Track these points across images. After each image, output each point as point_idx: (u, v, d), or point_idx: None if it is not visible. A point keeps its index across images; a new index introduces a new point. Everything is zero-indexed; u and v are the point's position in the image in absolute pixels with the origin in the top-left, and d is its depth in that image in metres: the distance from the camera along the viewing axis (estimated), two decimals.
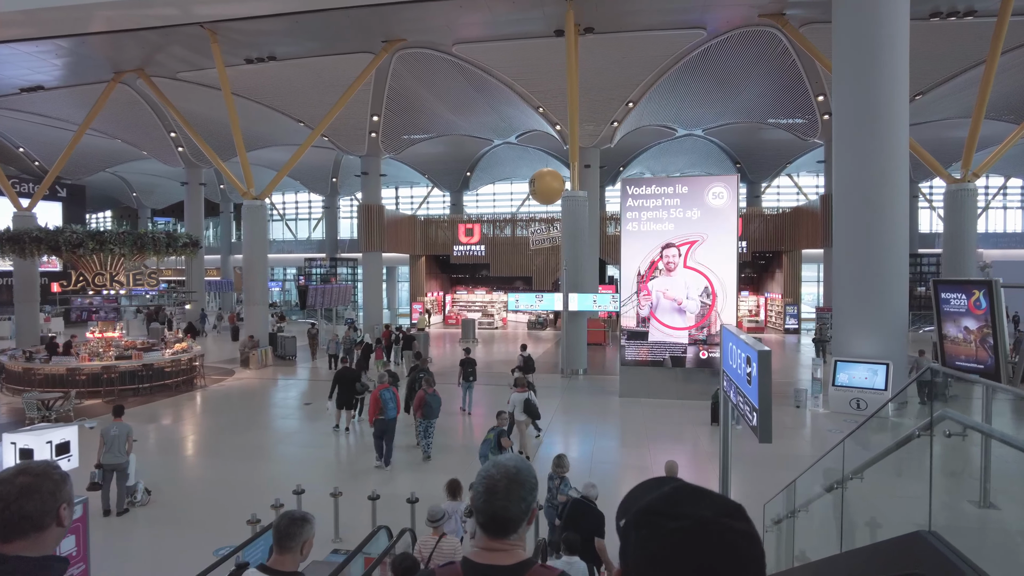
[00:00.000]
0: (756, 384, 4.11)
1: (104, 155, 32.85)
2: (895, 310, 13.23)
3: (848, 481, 4.50)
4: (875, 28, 12.96)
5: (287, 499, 6.74)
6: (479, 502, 1.51)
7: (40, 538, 1.47)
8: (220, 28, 18.44)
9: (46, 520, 1.48)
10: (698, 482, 0.94)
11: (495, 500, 1.49)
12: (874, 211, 12.90)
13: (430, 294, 34.69)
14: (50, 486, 1.50)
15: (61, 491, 1.52)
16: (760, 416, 4.05)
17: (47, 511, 1.48)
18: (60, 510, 1.51)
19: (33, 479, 1.50)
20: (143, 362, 15.40)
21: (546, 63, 20.52)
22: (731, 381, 5.24)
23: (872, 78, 12.86)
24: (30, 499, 1.46)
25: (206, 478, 10.14)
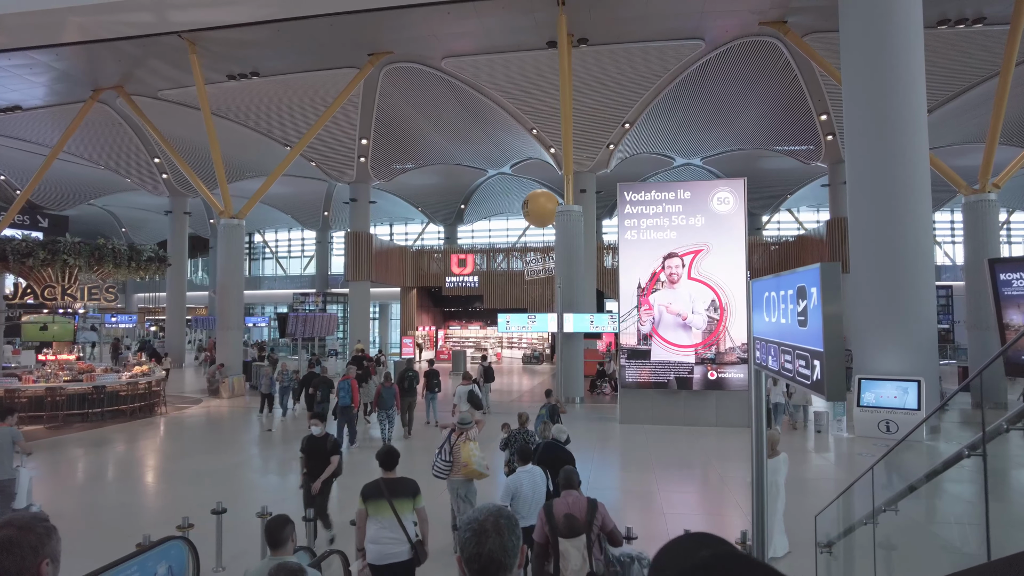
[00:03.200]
0: (819, 315, 2.82)
1: (88, 185, 31.99)
2: (923, 321, 11.95)
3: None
4: (887, 35, 12.14)
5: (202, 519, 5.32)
6: (470, 547, 1.49)
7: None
8: (199, 38, 17.73)
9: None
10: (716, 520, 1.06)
11: (487, 541, 1.48)
12: (895, 217, 11.76)
13: (421, 328, 33.31)
14: (33, 540, 1.44)
15: (45, 546, 1.45)
16: (828, 361, 2.75)
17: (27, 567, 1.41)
18: (42, 565, 1.44)
19: (16, 532, 1.44)
20: (94, 384, 13.95)
21: (539, 80, 19.81)
22: (766, 347, 3.95)
23: (886, 86, 11.98)
24: (10, 553, 1.40)
25: (121, 502, 8.58)
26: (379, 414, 11.99)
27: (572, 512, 4.02)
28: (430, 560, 4.69)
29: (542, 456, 5.74)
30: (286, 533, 3.41)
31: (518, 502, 5.05)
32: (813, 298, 2.92)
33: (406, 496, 4.52)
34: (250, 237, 48.82)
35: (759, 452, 4.41)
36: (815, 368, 2.90)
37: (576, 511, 4.04)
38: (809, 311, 2.99)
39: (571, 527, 3.91)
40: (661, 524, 7.45)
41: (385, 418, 11.89)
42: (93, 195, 34.14)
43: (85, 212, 38.32)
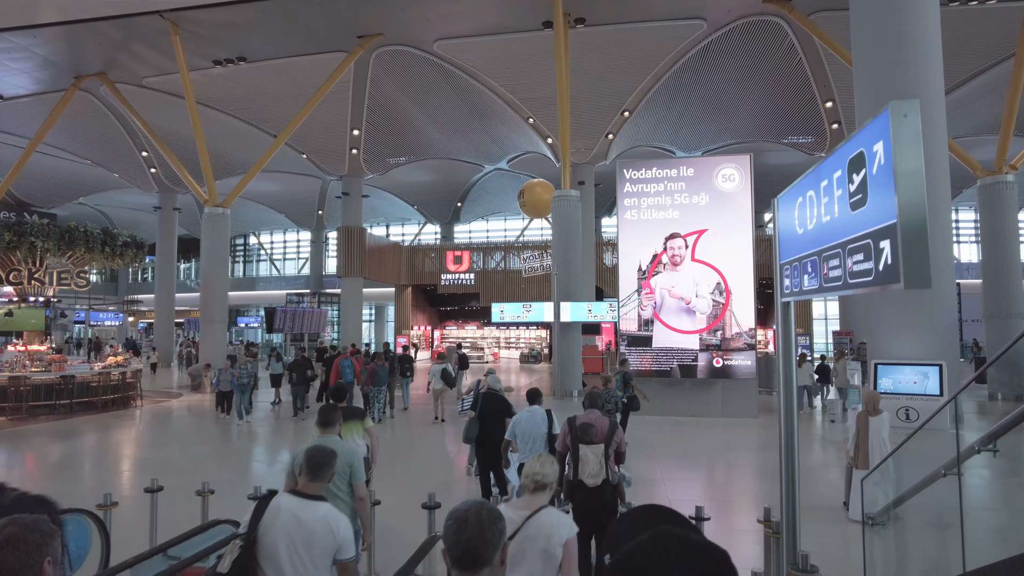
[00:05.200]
0: (888, 176, 2.07)
1: (77, 182, 31.27)
2: (943, 303, 11.20)
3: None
4: (900, 11, 11.43)
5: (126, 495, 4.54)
6: (450, 535, 1.53)
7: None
8: (182, 20, 17.07)
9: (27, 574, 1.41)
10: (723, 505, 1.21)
11: (466, 529, 1.52)
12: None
13: (417, 328, 32.53)
14: (36, 539, 1.45)
15: (48, 545, 1.46)
16: (904, 235, 1.99)
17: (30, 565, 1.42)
18: (44, 564, 1.44)
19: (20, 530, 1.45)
20: (61, 374, 13.16)
21: (535, 64, 19.14)
22: (800, 267, 3.19)
23: (900, 65, 11.28)
24: (14, 551, 1.41)
25: (50, 488, 7.78)
26: (373, 390, 12.75)
27: (591, 423, 4.54)
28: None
29: (483, 403, 6.89)
30: (335, 417, 4.11)
31: (518, 437, 5.81)
32: (877, 159, 2.16)
33: (356, 419, 5.26)
34: (245, 239, 48.16)
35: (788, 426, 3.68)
36: (882, 254, 2.14)
37: (597, 425, 4.59)
38: (870, 180, 2.23)
39: (586, 433, 4.46)
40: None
41: (378, 393, 12.80)
42: (82, 192, 33.41)
43: (77, 212, 37.57)
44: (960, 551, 2.92)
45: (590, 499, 4.28)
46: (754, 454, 9.95)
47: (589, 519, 4.22)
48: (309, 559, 2.64)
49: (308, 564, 2.64)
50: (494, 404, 6.78)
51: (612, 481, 4.44)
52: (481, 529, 1.52)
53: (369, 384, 12.70)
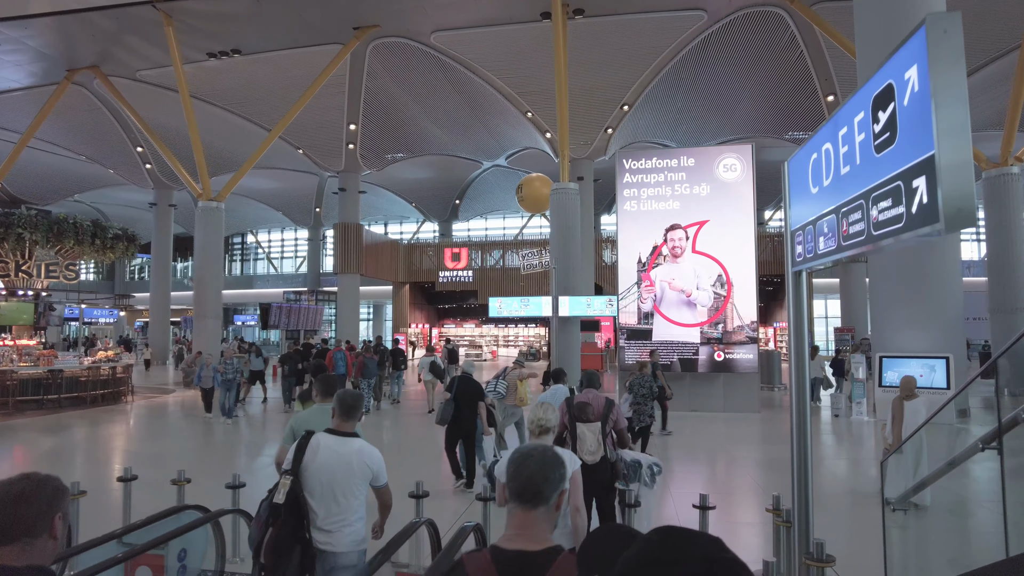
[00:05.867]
0: (924, 104, 1.82)
1: (72, 179, 30.98)
2: (949, 295, 10.94)
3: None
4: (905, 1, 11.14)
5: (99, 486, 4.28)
6: (512, 469, 1.55)
7: (31, 545, 1.42)
8: (175, 10, 16.81)
9: (39, 527, 1.43)
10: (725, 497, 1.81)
11: (529, 465, 1.54)
12: None
13: (414, 326, 32.26)
14: (48, 494, 1.47)
15: (58, 501, 1.48)
16: (944, 166, 1.74)
17: (41, 518, 1.44)
18: (55, 519, 1.46)
19: (32, 485, 1.47)
20: (49, 368, 12.89)
21: (533, 56, 18.89)
22: (814, 230, 2.95)
23: None
24: (27, 504, 1.43)
25: None
26: (362, 382, 12.84)
27: (587, 402, 4.64)
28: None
29: (458, 386, 7.24)
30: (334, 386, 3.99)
31: None
32: (910, 86, 1.91)
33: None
34: (242, 237, 47.91)
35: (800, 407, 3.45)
36: (915, 194, 1.89)
37: (594, 404, 4.67)
38: (900, 114, 1.99)
39: (582, 411, 4.54)
40: (668, 502, 6.44)
41: (367, 387, 12.88)
42: (77, 189, 33.14)
43: (72, 209, 37.15)
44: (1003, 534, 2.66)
45: (589, 476, 4.23)
46: (758, 448, 9.72)
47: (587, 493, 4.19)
48: (348, 487, 3.00)
49: (347, 491, 2.99)
50: (468, 387, 7.23)
51: (610, 459, 4.50)
52: (544, 468, 1.55)
53: (358, 376, 12.81)
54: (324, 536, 2.95)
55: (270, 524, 2.86)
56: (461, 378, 7.37)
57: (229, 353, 12.71)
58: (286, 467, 3.02)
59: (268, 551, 2.84)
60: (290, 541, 2.86)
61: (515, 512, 1.53)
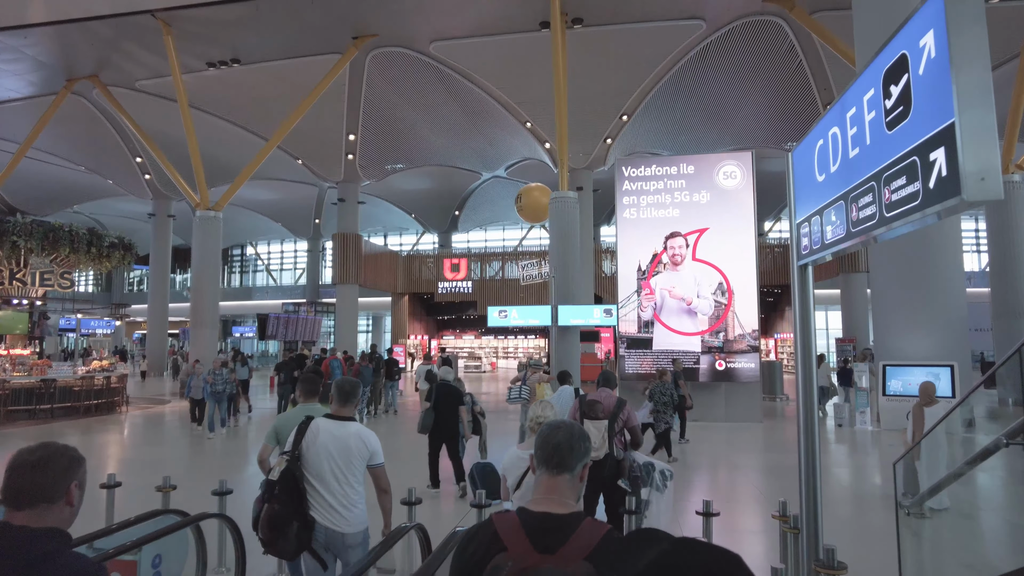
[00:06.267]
0: (942, 70, 1.71)
1: (71, 189, 30.97)
2: (952, 301, 10.82)
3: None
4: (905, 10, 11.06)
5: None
6: (541, 439, 1.65)
7: (48, 511, 1.48)
8: (173, 18, 16.84)
9: (56, 493, 1.50)
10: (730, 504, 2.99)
11: (557, 434, 1.63)
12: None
13: (413, 337, 32.08)
14: (65, 463, 1.53)
15: (75, 470, 1.55)
16: (968, 135, 1.62)
17: (58, 484, 1.50)
18: (71, 487, 1.53)
19: (50, 454, 1.53)
20: (42, 378, 12.73)
21: (532, 66, 18.88)
22: (821, 219, 2.83)
23: None
24: (44, 470, 1.49)
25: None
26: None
27: (597, 400, 4.79)
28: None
29: (437, 392, 7.38)
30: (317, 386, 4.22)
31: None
32: (926, 53, 1.81)
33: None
34: (242, 249, 47.85)
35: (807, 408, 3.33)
36: (933, 167, 1.77)
37: (604, 402, 4.79)
38: (915, 84, 1.88)
39: (592, 409, 4.67)
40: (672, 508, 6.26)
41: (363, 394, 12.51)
42: (76, 200, 33.13)
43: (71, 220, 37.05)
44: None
45: (594, 471, 4.36)
46: (761, 456, 9.55)
47: (592, 489, 4.49)
48: (347, 467, 3.18)
49: (347, 471, 3.17)
50: (448, 393, 7.34)
51: (617, 456, 4.57)
52: (571, 439, 1.63)
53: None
54: (332, 515, 3.11)
55: (266, 501, 3.04)
56: (440, 385, 7.50)
57: (217, 363, 12.18)
58: (285, 449, 3.21)
59: (264, 525, 3.02)
60: (287, 517, 3.01)
61: (542, 479, 1.61)
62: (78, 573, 1.43)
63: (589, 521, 1.48)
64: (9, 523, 1.44)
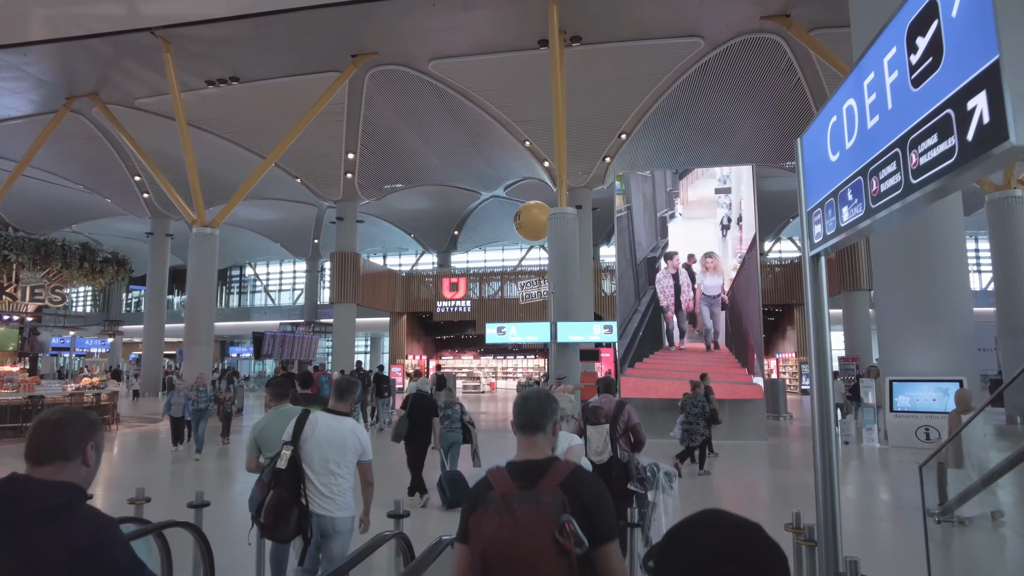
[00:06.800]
0: (985, 6, 1.53)
1: (69, 209, 30.88)
2: (959, 315, 10.60)
3: None
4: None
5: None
6: (516, 409, 2.01)
7: (65, 467, 1.56)
8: (174, 36, 16.89)
9: (73, 452, 1.57)
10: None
11: (528, 404, 1.98)
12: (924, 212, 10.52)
13: (412, 357, 31.75)
14: (83, 424, 1.62)
15: (92, 432, 1.63)
16: (1015, 71, 1.44)
17: (75, 444, 1.58)
18: (88, 448, 1.60)
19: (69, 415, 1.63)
20: (29, 395, 12.44)
21: (531, 85, 18.93)
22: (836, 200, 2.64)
23: None
24: (63, 430, 1.58)
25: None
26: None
27: (599, 406, 4.91)
28: None
29: (412, 403, 7.49)
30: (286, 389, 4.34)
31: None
32: None
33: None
34: (241, 270, 47.72)
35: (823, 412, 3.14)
36: (972, 117, 1.58)
37: (605, 407, 4.92)
38: (946, 30, 1.70)
39: (593, 415, 4.83)
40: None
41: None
42: (74, 219, 33.03)
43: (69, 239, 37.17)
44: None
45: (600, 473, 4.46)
46: (767, 473, 9.28)
47: None
48: (341, 459, 3.42)
49: (340, 463, 3.41)
50: (422, 404, 7.47)
51: (621, 460, 4.66)
52: (540, 406, 1.97)
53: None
54: (324, 502, 3.33)
55: (271, 487, 3.21)
56: (416, 396, 7.62)
57: (202, 380, 11.59)
58: (286, 438, 3.37)
59: (269, 511, 3.17)
60: (289, 503, 3.20)
61: (521, 439, 1.96)
62: (91, 523, 1.50)
63: (560, 463, 1.86)
64: (30, 476, 1.54)
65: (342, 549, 3.38)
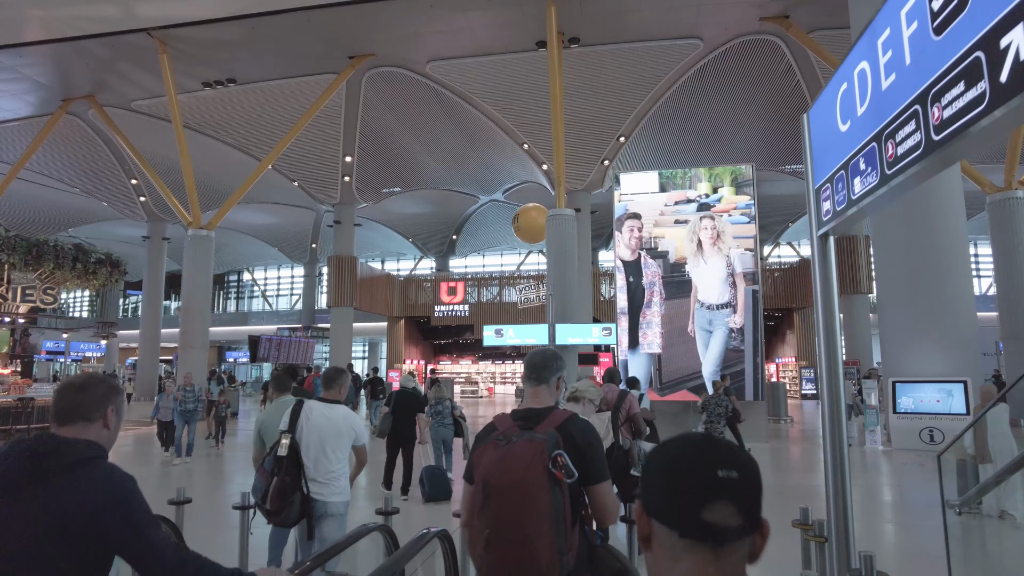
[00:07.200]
0: None
1: (65, 212, 30.69)
2: (962, 315, 10.47)
3: None
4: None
5: None
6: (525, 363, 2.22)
7: (87, 428, 1.67)
8: (170, 38, 16.79)
9: (93, 414, 1.69)
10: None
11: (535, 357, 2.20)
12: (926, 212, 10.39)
13: (409, 361, 31.55)
14: (104, 389, 1.74)
15: (112, 397, 1.74)
16: None
17: (96, 407, 1.69)
18: (108, 411, 1.72)
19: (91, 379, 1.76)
20: (19, 397, 12.26)
21: (529, 87, 18.87)
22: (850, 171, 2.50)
23: None
24: (85, 393, 1.70)
25: None
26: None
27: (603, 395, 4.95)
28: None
29: (396, 399, 7.56)
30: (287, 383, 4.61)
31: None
32: None
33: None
34: (239, 275, 47.57)
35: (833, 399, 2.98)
36: (1005, 58, 1.44)
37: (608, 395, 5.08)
38: None
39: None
40: None
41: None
42: (71, 224, 32.85)
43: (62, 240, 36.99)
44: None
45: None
46: (768, 476, 9.08)
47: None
48: (337, 444, 3.58)
49: (336, 448, 3.58)
50: (406, 400, 7.56)
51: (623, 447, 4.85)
52: (544, 360, 2.16)
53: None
54: (318, 487, 3.49)
55: (275, 474, 3.38)
56: (400, 392, 7.73)
57: (189, 379, 11.14)
58: (283, 427, 3.54)
59: (274, 496, 3.35)
60: (292, 488, 3.38)
61: (527, 389, 2.17)
62: (112, 478, 1.59)
63: (559, 410, 2.07)
64: (55, 433, 1.64)
65: (335, 532, 3.50)
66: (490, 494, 1.82)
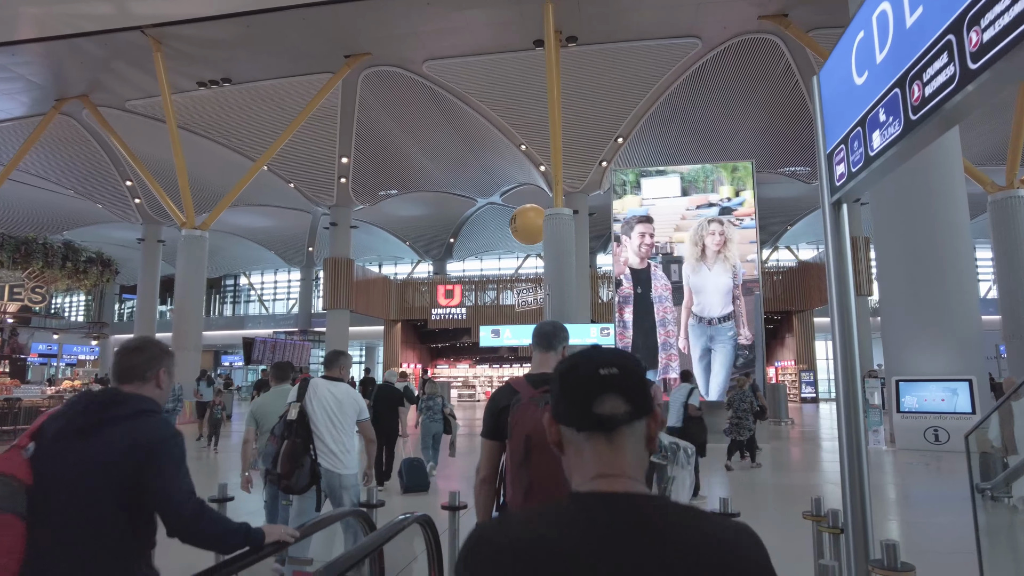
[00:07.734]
0: None
1: (59, 215, 30.44)
2: (966, 314, 10.29)
3: None
4: None
5: None
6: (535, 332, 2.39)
7: (142, 387, 1.88)
8: (165, 36, 16.64)
9: (147, 374, 1.89)
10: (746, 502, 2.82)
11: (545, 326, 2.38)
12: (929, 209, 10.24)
13: (406, 365, 31.28)
14: (156, 351, 1.95)
15: (164, 359, 1.95)
16: None
17: (149, 367, 1.90)
18: (160, 372, 1.92)
19: (145, 342, 1.97)
20: (6, 397, 12.02)
21: (526, 86, 18.73)
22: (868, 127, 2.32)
23: None
24: (139, 354, 1.91)
25: None
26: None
27: None
28: None
29: (377, 393, 7.73)
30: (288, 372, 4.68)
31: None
32: None
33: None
34: (235, 279, 47.31)
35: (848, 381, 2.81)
36: None
37: None
38: None
39: None
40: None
41: None
42: (65, 226, 32.55)
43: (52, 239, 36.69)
44: None
45: None
46: (769, 476, 8.90)
47: None
48: (342, 417, 3.83)
49: (344, 420, 3.84)
50: (387, 395, 7.76)
51: None
52: (553, 329, 2.38)
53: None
54: (331, 459, 3.72)
55: (285, 438, 3.58)
56: (381, 387, 7.91)
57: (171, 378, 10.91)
58: (291, 399, 3.79)
59: (285, 459, 3.52)
60: (302, 451, 3.56)
61: (537, 355, 2.34)
62: (157, 430, 1.78)
63: None
64: (118, 388, 1.86)
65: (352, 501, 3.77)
66: (532, 448, 1.97)
